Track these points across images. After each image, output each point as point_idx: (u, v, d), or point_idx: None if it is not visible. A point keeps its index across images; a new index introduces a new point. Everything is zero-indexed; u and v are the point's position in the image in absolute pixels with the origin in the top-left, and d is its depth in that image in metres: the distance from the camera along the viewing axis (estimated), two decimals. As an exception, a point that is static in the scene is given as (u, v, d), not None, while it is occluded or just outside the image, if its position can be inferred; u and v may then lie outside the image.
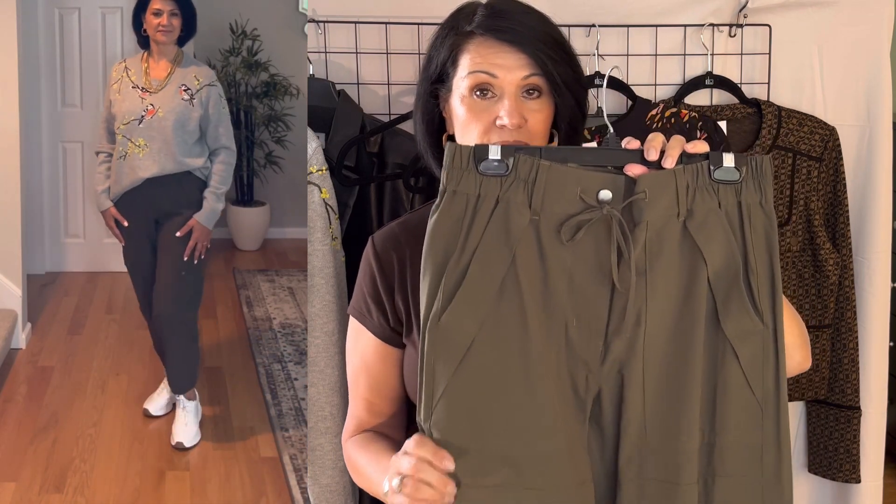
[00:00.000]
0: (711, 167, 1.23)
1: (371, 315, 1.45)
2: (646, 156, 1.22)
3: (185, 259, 3.25)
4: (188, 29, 3.26)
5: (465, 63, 1.36)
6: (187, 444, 3.37)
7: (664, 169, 1.22)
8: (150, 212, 3.30)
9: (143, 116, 3.19)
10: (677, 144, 1.23)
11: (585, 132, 1.75)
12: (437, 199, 1.23)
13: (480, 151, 1.22)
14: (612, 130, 1.29)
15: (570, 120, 1.40)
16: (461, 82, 1.37)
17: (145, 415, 3.62)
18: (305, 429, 2.69)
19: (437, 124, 1.45)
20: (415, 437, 1.23)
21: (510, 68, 1.34)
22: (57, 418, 3.59)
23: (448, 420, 1.21)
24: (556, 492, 1.22)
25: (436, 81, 1.41)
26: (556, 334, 1.22)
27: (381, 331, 1.44)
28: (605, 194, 1.21)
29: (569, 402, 1.22)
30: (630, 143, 1.24)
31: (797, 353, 1.36)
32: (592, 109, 1.39)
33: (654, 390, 1.22)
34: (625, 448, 1.23)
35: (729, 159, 1.23)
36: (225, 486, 3.12)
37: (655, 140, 1.22)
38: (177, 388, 3.44)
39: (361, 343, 1.47)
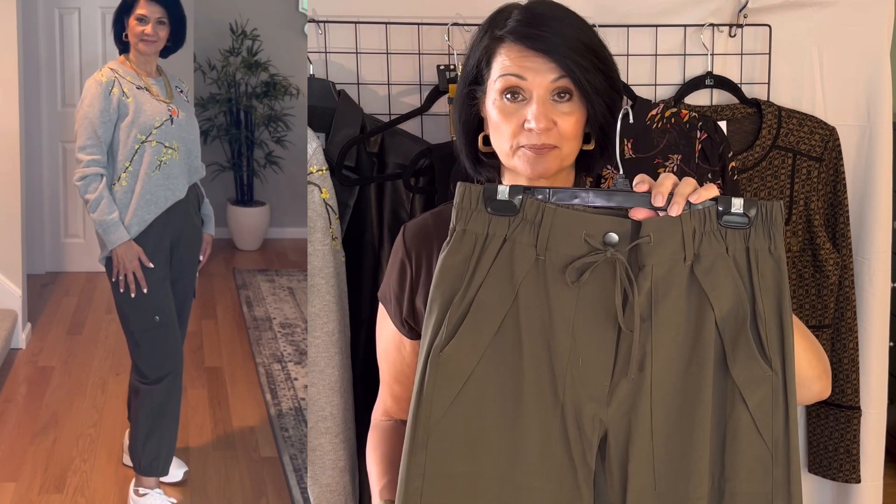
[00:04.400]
0: (720, 210, 1.23)
1: (391, 304, 1.48)
2: (652, 201, 1.22)
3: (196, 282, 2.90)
4: (175, 40, 2.79)
5: (497, 66, 1.38)
6: None
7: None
8: (172, 236, 2.78)
9: (171, 116, 2.72)
10: (686, 190, 1.23)
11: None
12: (448, 237, 1.26)
13: (489, 191, 1.25)
14: (621, 171, 1.30)
15: (601, 126, 1.41)
16: (494, 84, 1.39)
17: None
18: (305, 429, 2.69)
19: (473, 125, 1.47)
20: None
21: (539, 71, 1.35)
22: (57, 418, 3.59)
23: (443, 448, 1.24)
24: None
25: (472, 83, 1.43)
26: (560, 372, 1.23)
27: (398, 321, 1.48)
28: (611, 237, 1.23)
29: (571, 438, 1.24)
30: (639, 185, 1.24)
31: (815, 385, 1.36)
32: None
33: (662, 434, 1.23)
34: (633, 490, 1.23)
35: (738, 204, 1.23)
36: (225, 486, 3.12)
37: (664, 185, 1.23)
38: (163, 470, 2.94)
39: (385, 329, 1.51)
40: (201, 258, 2.93)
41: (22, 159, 4.28)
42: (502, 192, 1.25)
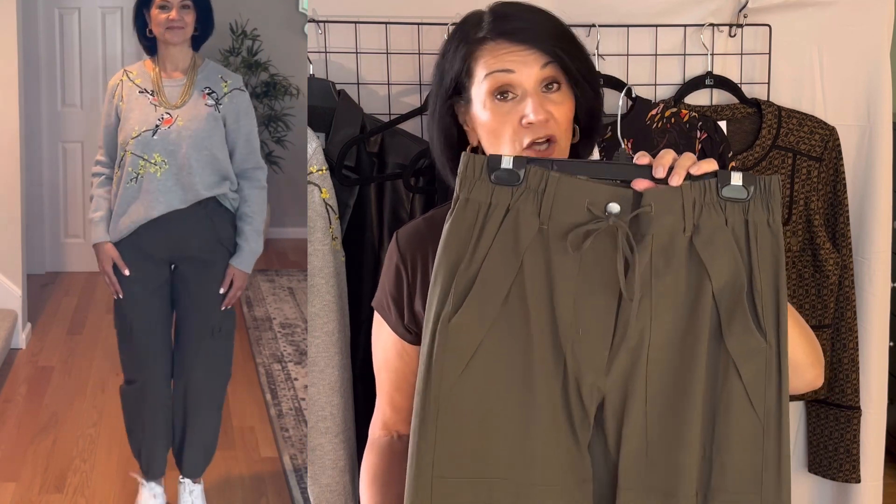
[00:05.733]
0: (719, 185, 1.24)
1: (390, 311, 1.47)
2: (654, 172, 1.23)
3: (222, 312, 2.66)
4: (204, 26, 2.60)
5: (481, 68, 1.38)
6: None
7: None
8: (165, 254, 2.64)
9: (157, 126, 2.52)
10: (686, 163, 1.24)
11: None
12: (451, 206, 1.26)
13: (493, 161, 1.25)
14: (623, 146, 1.31)
15: (589, 110, 1.42)
16: (480, 88, 1.38)
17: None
18: (305, 429, 2.69)
19: (455, 139, 1.46)
20: None
21: (526, 63, 1.35)
22: (57, 418, 3.59)
23: (452, 419, 1.24)
24: (556, 489, 1.24)
25: (452, 95, 1.42)
26: (562, 341, 1.24)
27: (398, 328, 1.46)
28: (613, 207, 1.23)
29: (572, 406, 1.24)
30: (640, 158, 1.25)
31: (809, 373, 1.36)
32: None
33: (656, 402, 1.23)
34: (625, 457, 1.24)
35: (737, 177, 1.24)
36: (225, 486, 3.12)
37: (665, 158, 1.24)
38: (192, 472, 2.82)
39: (382, 337, 1.50)
40: (221, 291, 2.65)
41: (22, 159, 4.28)
42: (506, 161, 1.25)
